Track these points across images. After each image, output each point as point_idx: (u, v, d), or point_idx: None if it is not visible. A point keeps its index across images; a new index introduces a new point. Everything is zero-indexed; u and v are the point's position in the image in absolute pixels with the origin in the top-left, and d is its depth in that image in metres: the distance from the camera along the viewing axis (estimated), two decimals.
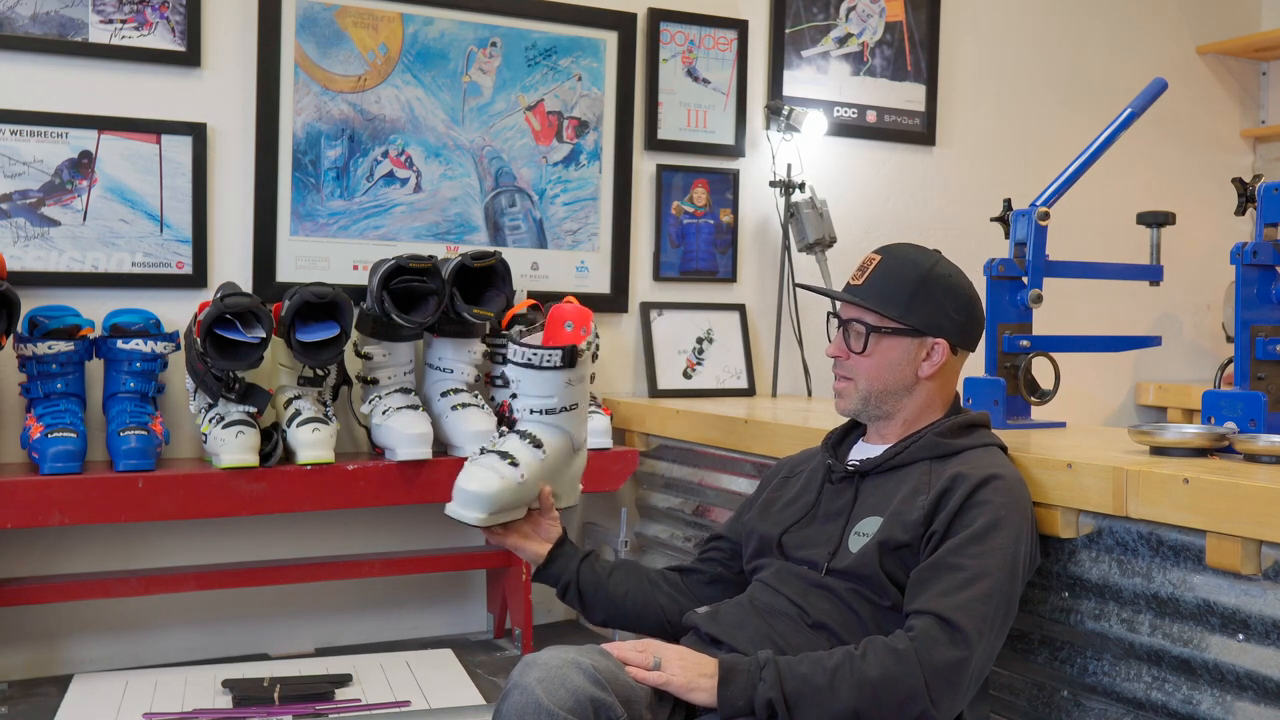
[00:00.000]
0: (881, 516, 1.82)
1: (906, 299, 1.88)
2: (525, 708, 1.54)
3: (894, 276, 1.90)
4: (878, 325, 1.89)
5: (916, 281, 1.90)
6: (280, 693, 2.36)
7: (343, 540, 2.93)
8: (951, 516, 1.74)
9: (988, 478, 1.77)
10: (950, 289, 1.92)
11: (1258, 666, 1.62)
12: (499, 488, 2.05)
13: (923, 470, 1.84)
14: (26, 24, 2.65)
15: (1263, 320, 2.06)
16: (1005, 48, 3.84)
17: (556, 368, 2.07)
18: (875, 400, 1.92)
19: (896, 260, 1.92)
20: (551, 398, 2.10)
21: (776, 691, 1.62)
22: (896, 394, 1.91)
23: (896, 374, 1.90)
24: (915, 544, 1.76)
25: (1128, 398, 4.09)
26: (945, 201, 3.73)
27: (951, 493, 1.77)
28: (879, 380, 1.91)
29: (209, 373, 2.52)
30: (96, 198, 2.71)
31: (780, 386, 3.42)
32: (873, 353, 1.90)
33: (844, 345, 1.93)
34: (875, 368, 1.90)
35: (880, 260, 1.92)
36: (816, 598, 1.81)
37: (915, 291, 1.89)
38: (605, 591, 2.06)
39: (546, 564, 2.10)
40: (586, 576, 2.07)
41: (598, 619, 2.11)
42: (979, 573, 1.69)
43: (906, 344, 1.90)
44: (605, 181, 3.23)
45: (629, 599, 2.05)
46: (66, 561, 2.70)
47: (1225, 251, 2.11)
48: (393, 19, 2.97)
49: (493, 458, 2.08)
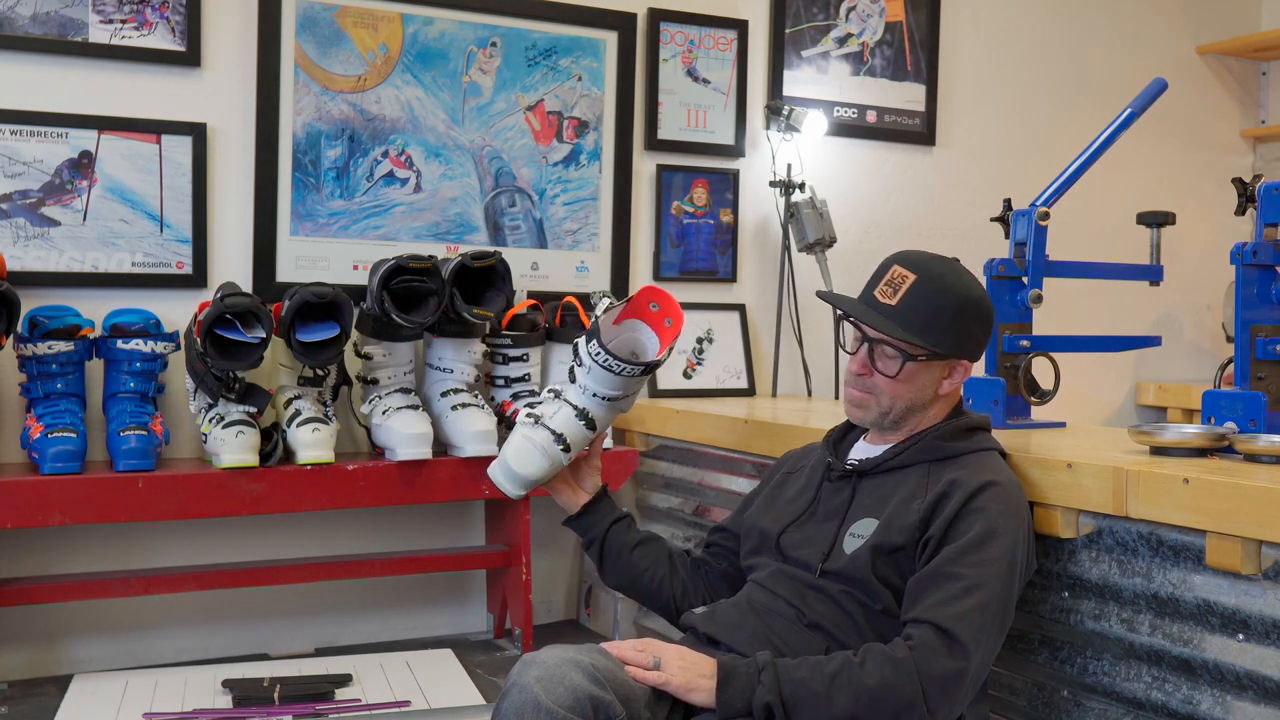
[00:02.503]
0: (877, 519, 1.82)
1: (944, 328, 1.84)
2: (524, 706, 1.54)
3: (931, 303, 1.84)
4: (914, 354, 1.85)
5: (955, 310, 1.85)
6: (280, 693, 2.36)
7: (343, 540, 2.93)
8: (948, 523, 1.74)
9: (985, 484, 1.77)
10: (980, 315, 1.90)
11: (1257, 666, 1.62)
12: (546, 471, 2.09)
13: (921, 473, 1.84)
14: (26, 24, 2.64)
15: (1263, 320, 2.06)
16: (1005, 48, 3.84)
17: (633, 376, 2.09)
18: (894, 416, 1.89)
19: (933, 286, 1.85)
20: (617, 391, 2.11)
21: (774, 695, 1.62)
22: (915, 410, 1.90)
23: (920, 394, 1.88)
24: (910, 548, 1.76)
25: (1128, 398, 4.09)
26: (945, 201, 3.73)
27: (948, 498, 1.76)
28: (902, 400, 1.88)
29: (209, 373, 2.52)
30: (96, 198, 2.71)
31: (780, 386, 3.42)
32: (905, 376, 1.86)
33: (870, 364, 1.87)
34: (903, 389, 1.87)
35: (915, 281, 1.84)
36: (812, 599, 1.81)
37: (953, 321, 1.85)
38: (626, 560, 2.10)
39: (580, 514, 2.14)
40: (613, 540, 2.11)
41: (611, 582, 2.15)
42: (977, 582, 1.69)
43: (936, 367, 1.88)
44: (605, 181, 3.23)
45: (646, 575, 2.08)
46: (66, 561, 2.70)
47: (1225, 251, 2.11)
48: (393, 19, 2.97)
49: (545, 436, 2.08)
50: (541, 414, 2.12)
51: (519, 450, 2.09)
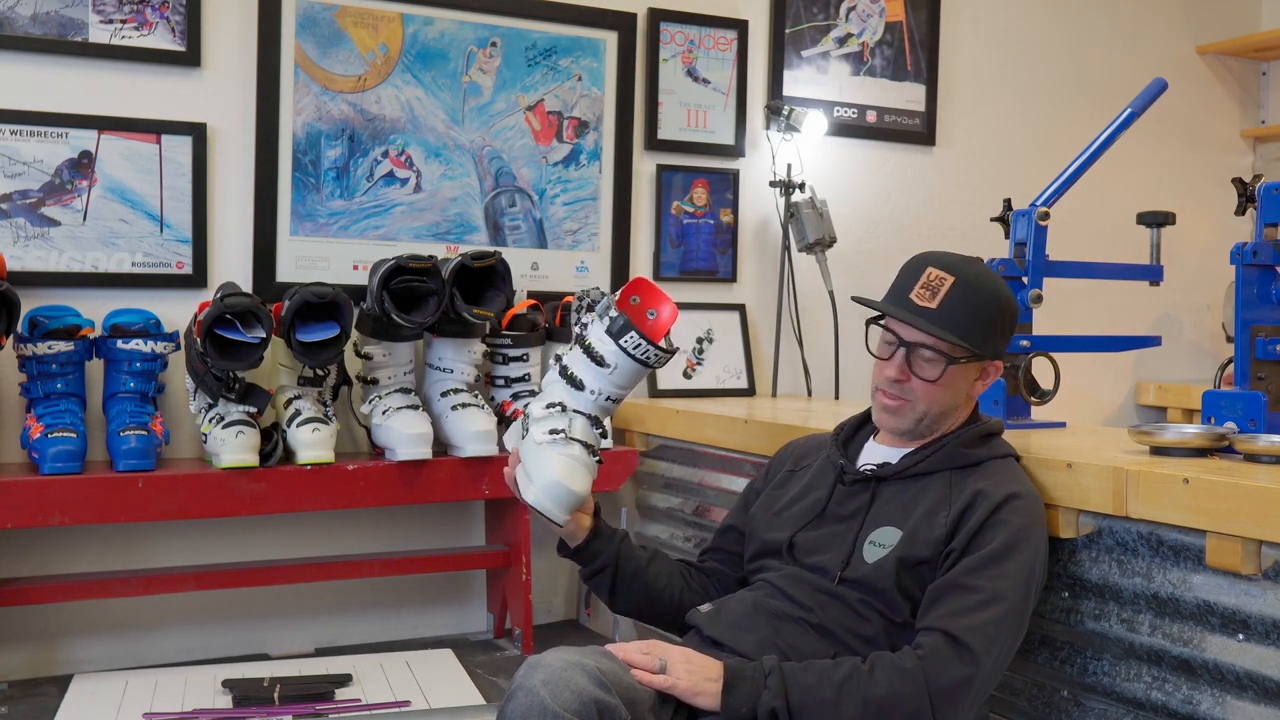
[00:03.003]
0: (900, 529, 1.80)
1: (984, 330, 1.83)
2: (530, 709, 1.54)
3: (971, 306, 1.82)
4: (957, 356, 1.83)
5: (994, 313, 1.85)
6: (280, 693, 2.36)
7: (343, 540, 2.93)
8: (971, 534, 1.74)
9: (1009, 496, 1.76)
10: (1013, 314, 1.90)
11: (1257, 666, 1.62)
12: (589, 487, 1.92)
13: (943, 482, 1.82)
14: (26, 24, 2.64)
15: (1263, 320, 2.06)
16: (1005, 48, 3.84)
17: (650, 365, 1.94)
18: (929, 421, 1.87)
19: (973, 289, 1.83)
20: (626, 390, 1.97)
21: (781, 701, 1.62)
22: (948, 415, 1.88)
23: (955, 397, 1.87)
24: (934, 560, 1.75)
25: (1128, 398, 4.09)
26: (945, 201, 3.73)
27: (973, 510, 1.76)
28: (939, 404, 1.86)
29: (209, 373, 2.52)
30: (96, 198, 2.71)
31: (780, 386, 3.42)
32: (946, 381, 1.84)
33: (907, 369, 1.84)
34: (941, 394, 1.85)
35: (953, 284, 1.82)
36: (828, 604, 1.80)
37: (991, 322, 1.85)
38: (642, 581, 1.98)
39: (589, 541, 1.98)
40: (626, 563, 1.98)
41: (624, 607, 2.02)
42: (994, 595, 1.68)
43: (972, 369, 1.87)
44: (605, 181, 3.23)
45: (665, 594, 1.99)
46: (66, 561, 2.70)
47: (1225, 251, 2.11)
48: (393, 19, 2.97)
49: (580, 450, 1.91)
50: (564, 428, 1.92)
51: (568, 469, 1.87)
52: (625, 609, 2.04)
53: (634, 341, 1.90)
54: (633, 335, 1.90)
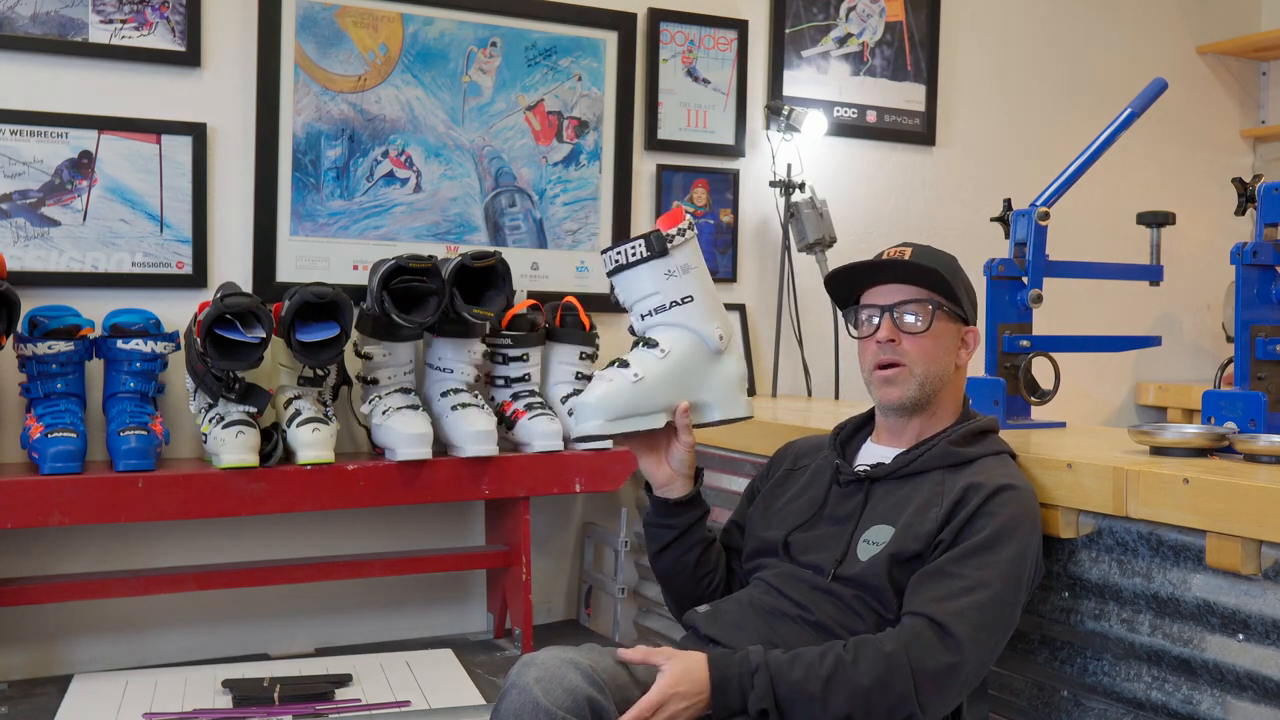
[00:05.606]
0: (893, 526, 1.80)
1: (954, 284, 1.88)
2: (523, 707, 1.54)
3: (936, 262, 1.88)
4: (939, 302, 1.87)
5: (957, 270, 1.92)
6: (280, 693, 2.36)
7: (343, 540, 2.93)
8: (961, 525, 1.74)
9: (1000, 488, 1.76)
10: (970, 285, 1.95)
11: (1257, 666, 1.62)
12: (606, 390, 1.88)
13: (935, 480, 1.83)
14: (26, 24, 2.65)
15: (1263, 320, 2.06)
16: (1005, 48, 3.84)
17: (645, 259, 1.90)
18: (930, 384, 1.87)
19: (930, 253, 1.91)
20: (655, 294, 1.92)
21: (769, 701, 1.62)
22: (944, 381, 1.89)
23: (946, 359, 1.89)
24: (926, 555, 1.75)
25: (1128, 398, 4.09)
26: (945, 201, 3.73)
27: (964, 503, 1.76)
28: (935, 362, 1.87)
29: (209, 373, 2.52)
30: (96, 198, 2.71)
31: (780, 386, 3.42)
32: (933, 333, 1.86)
33: (895, 328, 1.87)
34: (933, 349, 1.86)
35: (914, 249, 1.90)
36: (822, 601, 1.80)
37: (957, 279, 1.90)
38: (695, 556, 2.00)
39: (684, 501, 1.99)
40: (694, 534, 2.00)
41: (663, 568, 2.03)
42: (980, 582, 1.68)
43: (954, 328, 1.90)
44: (605, 181, 3.23)
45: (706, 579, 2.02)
46: (66, 561, 2.70)
47: (1225, 251, 2.11)
48: (393, 19, 2.97)
49: (608, 369, 1.92)
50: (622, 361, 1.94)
51: (589, 388, 1.92)
52: (663, 569, 2.03)
53: (604, 260, 1.94)
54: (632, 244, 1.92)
